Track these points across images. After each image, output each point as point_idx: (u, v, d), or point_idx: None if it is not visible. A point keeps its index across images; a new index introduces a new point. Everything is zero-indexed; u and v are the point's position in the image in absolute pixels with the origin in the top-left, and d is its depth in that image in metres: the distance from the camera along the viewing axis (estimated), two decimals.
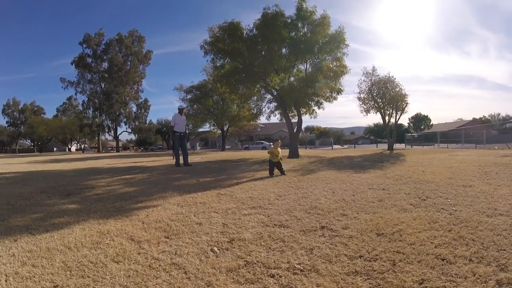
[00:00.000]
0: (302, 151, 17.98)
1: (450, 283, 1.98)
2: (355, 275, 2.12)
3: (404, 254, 2.42)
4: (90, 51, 51.80)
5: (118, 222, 3.45)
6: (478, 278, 2.01)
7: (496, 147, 17.31)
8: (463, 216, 3.29)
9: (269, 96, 17.52)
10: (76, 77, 52.09)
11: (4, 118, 73.15)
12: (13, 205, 4.30)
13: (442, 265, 2.22)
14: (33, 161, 16.33)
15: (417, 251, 2.45)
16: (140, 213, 3.84)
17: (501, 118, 74.59)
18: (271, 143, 52.23)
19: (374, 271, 2.17)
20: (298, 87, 14.92)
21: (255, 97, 18.17)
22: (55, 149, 70.98)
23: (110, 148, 71.22)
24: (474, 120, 60.99)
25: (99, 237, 2.95)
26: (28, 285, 2.03)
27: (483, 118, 65.83)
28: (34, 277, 2.13)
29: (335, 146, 44.17)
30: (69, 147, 71.88)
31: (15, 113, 74.00)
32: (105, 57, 52.19)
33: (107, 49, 51.99)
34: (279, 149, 7.47)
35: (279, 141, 8.04)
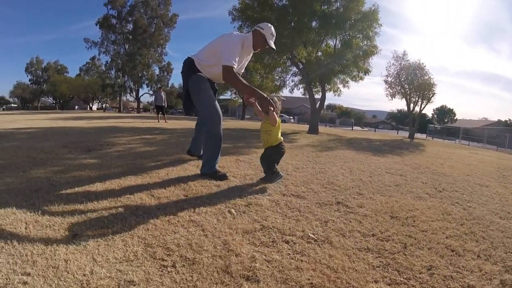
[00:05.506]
0: (321, 128, 17.85)
1: (457, 273, 2.02)
2: (367, 252, 2.21)
3: (415, 239, 2.47)
4: (115, 12, 51.08)
5: (139, 178, 3.52)
6: (484, 275, 2.04)
7: None
8: (476, 213, 3.29)
9: (294, 69, 17.27)
10: (100, 37, 51.71)
11: (27, 76, 73.85)
12: (34, 158, 4.32)
13: (451, 255, 2.26)
14: (54, 117, 16.42)
15: (428, 239, 2.51)
16: (160, 171, 3.90)
17: None
18: (291, 117, 49.89)
19: (386, 250, 2.24)
20: (325, 62, 14.64)
21: (279, 69, 17.87)
22: (76, 107, 71.95)
23: (131, 109, 71.96)
24: (500, 122, 58.68)
25: (119, 191, 3.02)
26: (47, 232, 2.09)
27: (508, 122, 63.09)
28: (54, 225, 2.20)
29: (355, 127, 43.68)
30: (91, 106, 72.74)
31: (38, 71, 74.26)
32: (129, 19, 51.45)
33: (132, 11, 51.10)
34: (277, 118, 3.38)
35: (279, 102, 3.41)
